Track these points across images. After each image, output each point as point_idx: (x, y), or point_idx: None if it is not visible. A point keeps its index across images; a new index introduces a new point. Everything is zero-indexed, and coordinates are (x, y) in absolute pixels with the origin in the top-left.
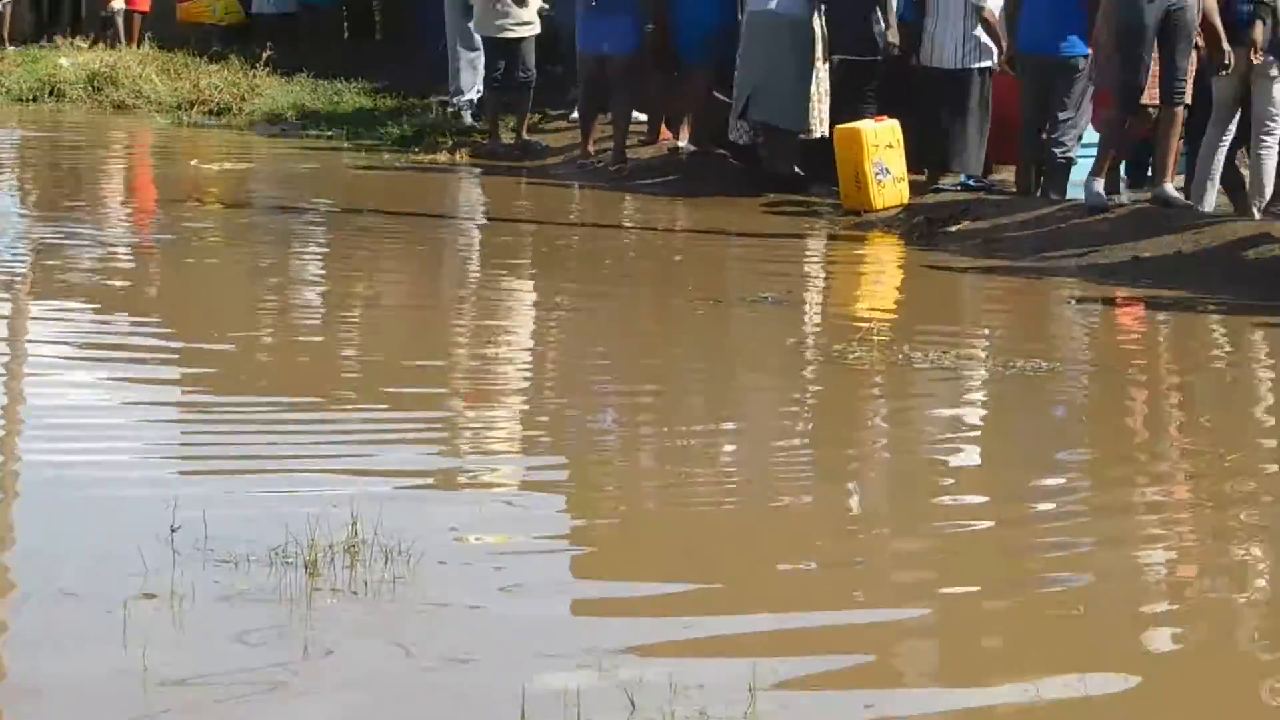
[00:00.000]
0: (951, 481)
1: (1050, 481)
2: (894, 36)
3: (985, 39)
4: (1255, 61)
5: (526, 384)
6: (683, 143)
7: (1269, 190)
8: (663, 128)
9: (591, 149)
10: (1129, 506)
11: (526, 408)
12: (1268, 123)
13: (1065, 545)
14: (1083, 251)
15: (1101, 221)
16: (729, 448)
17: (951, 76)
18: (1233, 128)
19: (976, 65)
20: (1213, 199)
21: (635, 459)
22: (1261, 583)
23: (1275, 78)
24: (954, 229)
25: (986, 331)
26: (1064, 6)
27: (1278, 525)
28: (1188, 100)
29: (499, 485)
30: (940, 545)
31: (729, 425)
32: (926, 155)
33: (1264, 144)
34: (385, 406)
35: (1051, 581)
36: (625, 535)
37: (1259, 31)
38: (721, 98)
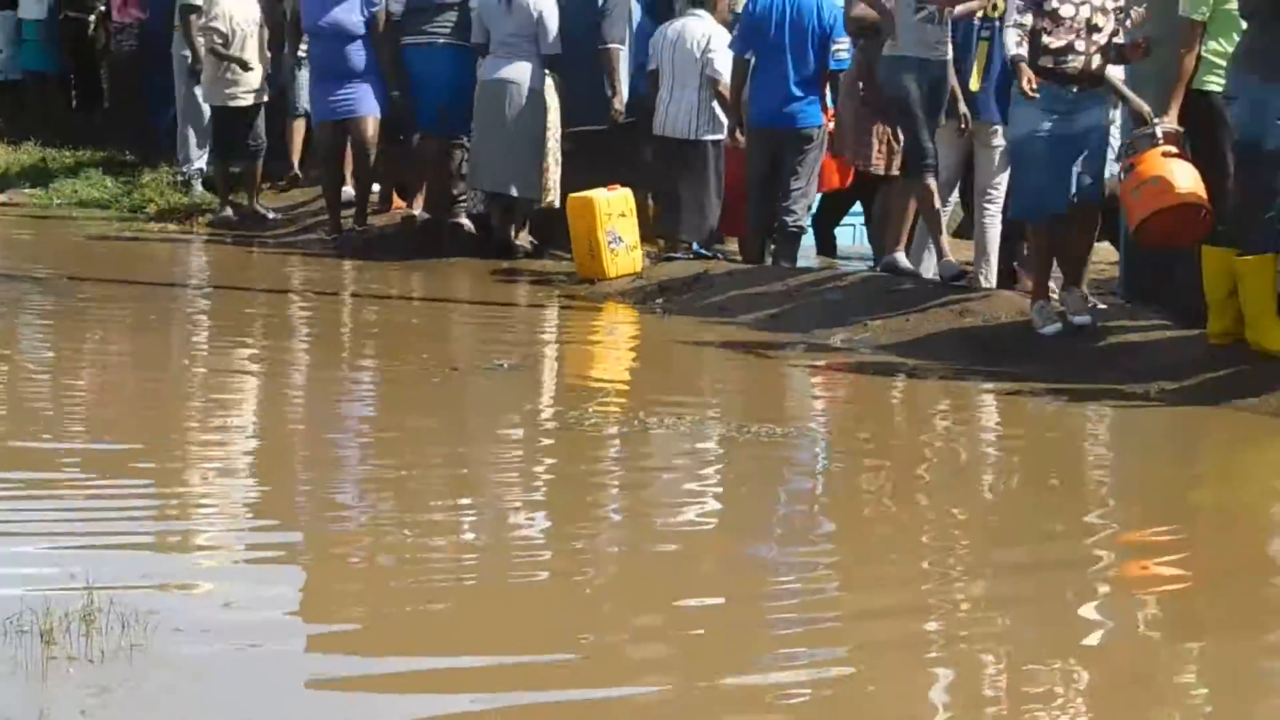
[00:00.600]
0: (689, 550)
1: (789, 549)
2: (620, 105)
3: (718, 110)
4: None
5: (265, 454)
6: (417, 210)
7: (994, 258)
8: (395, 195)
9: (341, 222)
10: (874, 579)
11: (264, 478)
12: (990, 191)
13: (805, 621)
14: (814, 318)
15: (832, 289)
16: (465, 516)
17: (684, 146)
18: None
19: (709, 136)
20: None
21: (372, 530)
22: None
23: (996, 146)
24: (687, 296)
25: (720, 397)
26: (797, 79)
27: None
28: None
29: (235, 553)
30: (676, 620)
31: (464, 499)
32: (660, 224)
33: (987, 213)
34: (118, 475)
35: (793, 658)
36: (363, 608)
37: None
38: (457, 163)
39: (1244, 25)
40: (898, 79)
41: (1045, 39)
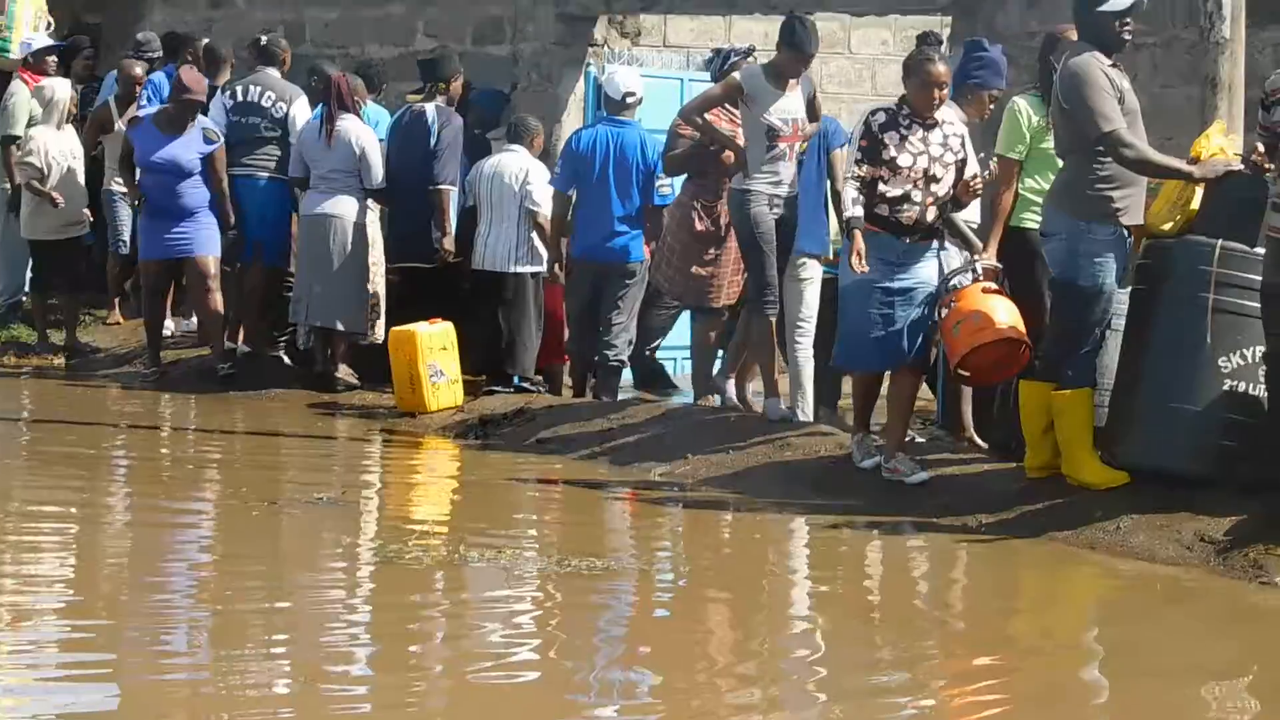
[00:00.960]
0: (508, 697)
1: (611, 687)
2: (449, 244)
3: (537, 243)
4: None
5: (76, 593)
6: (238, 343)
7: (809, 391)
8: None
9: (161, 356)
10: (700, 713)
11: (75, 617)
12: (799, 324)
13: None
14: (635, 452)
15: (652, 422)
16: (279, 653)
17: (504, 280)
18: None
19: (529, 269)
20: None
21: (190, 668)
22: None
23: (805, 280)
24: (508, 430)
25: (541, 530)
26: (620, 214)
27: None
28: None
29: (43, 704)
30: None
31: (280, 635)
32: (480, 357)
33: (798, 347)
34: None
35: None
36: None
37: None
38: (282, 295)
39: (1060, 164)
40: (747, 211)
41: (882, 187)
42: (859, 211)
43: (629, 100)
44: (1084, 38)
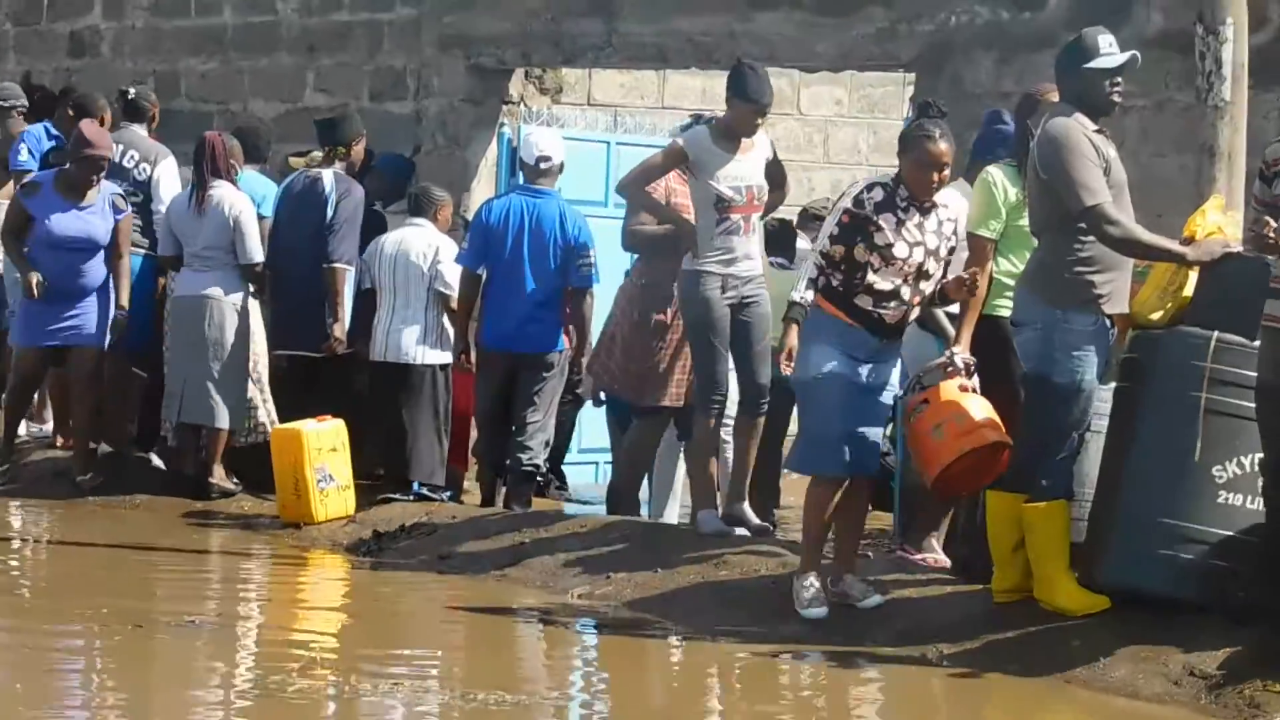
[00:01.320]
0: None
1: None
2: (340, 331)
3: (449, 330)
4: None
5: None
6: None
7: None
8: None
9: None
10: None
11: None
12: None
13: None
14: (551, 570)
15: (571, 537)
16: None
17: (408, 372)
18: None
19: (437, 360)
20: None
21: None
22: None
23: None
24: (406, 544)
25: (443, 660)
26: (536, 297)
27: None
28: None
29: None
30: None
31: None
32: (376, 460)
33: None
34: None
35: None
36: None
37: None
38: (140, 373)
39: (1035, 243)
40: (696, 295)
41: (871, 276)
42: (809, 297)
43: (546, 166)
44: (1066, 99)
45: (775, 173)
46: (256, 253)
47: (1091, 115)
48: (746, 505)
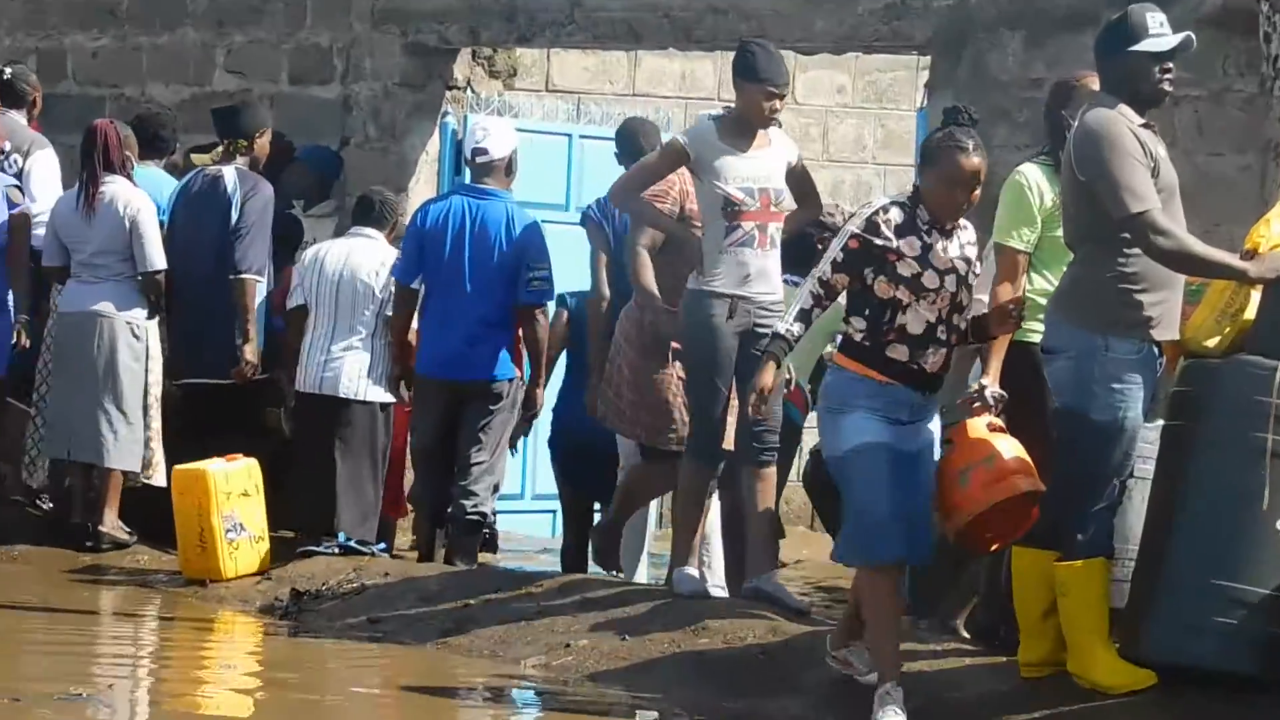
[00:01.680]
0: None
1: None
2: (252, 355)
3: (388, 362)
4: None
5: None
6: None
7: (717, 549)
8: None
9: None
10: None
11: None
12: None
13: None
14: (500, 637)
15: (523, 599)
16: None
17: (343, 408)
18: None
19: (380, 399)
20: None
21: None
22: None
23: None
24: (330, 605)
25: None
26: (481, 315)
27: None
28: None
29: None
30: None
31: None
32: (297, 507)
33: None
34: None
35: None
36: None
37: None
38: (18, 405)
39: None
40: (699, 319)
41: (901, 318)
42: (797, 331)
43: (487, 161)
44: (1108, 87)
45: (801, 184)
46: (158, 259)
47: (1137, 107)
48: (778, 577)
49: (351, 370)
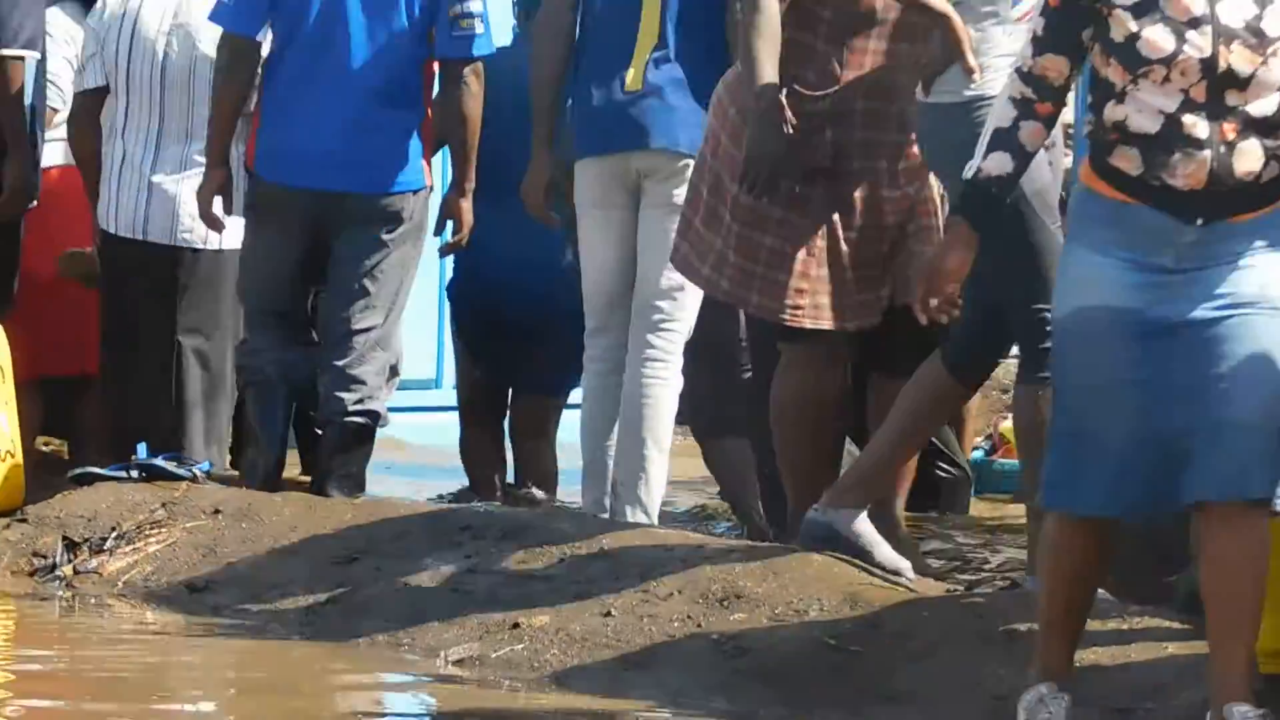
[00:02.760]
0: None
1: None
2: (17, 177)
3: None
4: None
5: None
6: None
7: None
8: None
9: None
10: None
11: None
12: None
13: None
14: (403, 610)
15: (445, 547)
16: None
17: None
18: None
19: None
20: None
21: None
22: None
23: None
24: (122, 561)
25: None
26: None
27: None
28: None
29: None
30: None
31: None
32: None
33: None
34: None
35: None
36: None
37: None
38: None
39: None
40: (949, 148)
41: (1115, 110)
42: (991, 168)
43: None
44: None
45: None
46: None
47: None
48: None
49: (192, 203)
